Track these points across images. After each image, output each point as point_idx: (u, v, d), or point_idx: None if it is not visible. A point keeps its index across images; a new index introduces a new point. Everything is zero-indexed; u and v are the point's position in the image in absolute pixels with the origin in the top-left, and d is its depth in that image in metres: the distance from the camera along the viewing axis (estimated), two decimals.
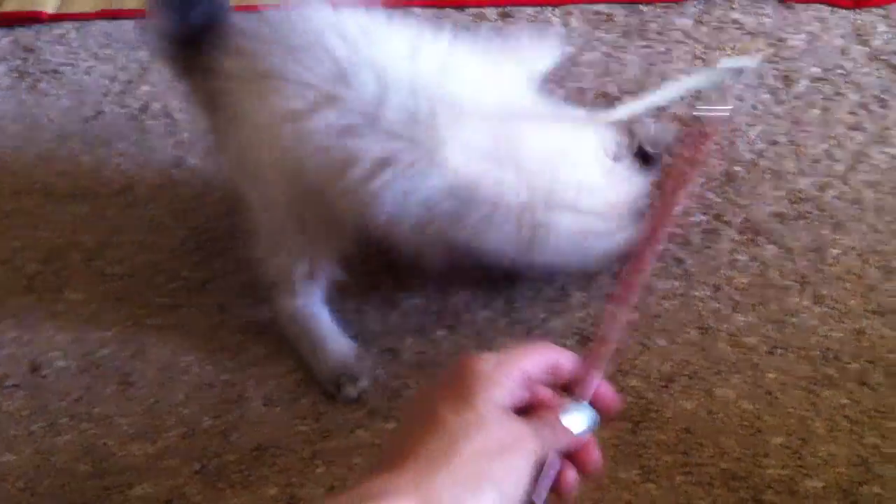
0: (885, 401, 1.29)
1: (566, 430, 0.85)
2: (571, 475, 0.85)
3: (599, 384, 0.89)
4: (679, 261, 1.48)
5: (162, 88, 1.86)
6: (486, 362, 0.85)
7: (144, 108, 1.84)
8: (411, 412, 0.86)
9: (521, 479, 0.80)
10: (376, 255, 1.51)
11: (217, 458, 1.36)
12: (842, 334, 1.36)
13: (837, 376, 1.32)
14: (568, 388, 0.88)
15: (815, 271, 1.43)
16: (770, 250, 1.46)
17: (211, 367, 1.47)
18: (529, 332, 1.43)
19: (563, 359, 0.89)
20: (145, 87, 1.88)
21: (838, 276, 1.42)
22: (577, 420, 0.86)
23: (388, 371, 1.43)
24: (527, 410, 0.85)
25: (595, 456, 0.87)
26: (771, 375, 1.33)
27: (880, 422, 1.28)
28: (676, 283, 1.45)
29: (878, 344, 1.34)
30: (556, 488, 0.85)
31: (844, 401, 1.30)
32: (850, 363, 1.33)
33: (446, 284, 1.50)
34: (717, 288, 1.43)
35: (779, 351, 1.36)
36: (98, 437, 1.41)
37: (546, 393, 0.87)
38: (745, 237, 1.48)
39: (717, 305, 1.42)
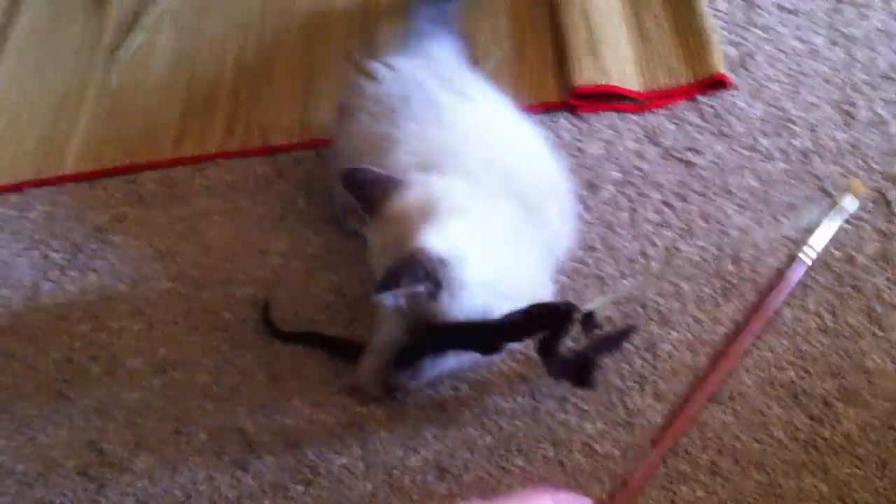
0: (738, 487, 1.34)
1: None
2: None
3: None
4: (522, 377, 1.51)
5: None
6: None
7: None
8: None
9: None
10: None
11: None
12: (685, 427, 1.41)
13: (690, 470, 1.36)
14: None
15: (652, 369, 1.48)
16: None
17: None
18: (390, 474, 1.43)
19: None
20: None
21: (673, 370, 1.48)
22: None
23: None
24: None
25: None
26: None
27: None
28: (522, 400, 1.48)
29: (721, 432, 1.40)
30: None
31: (701, 494, 1.34)
32: (699, 455, 1.38)
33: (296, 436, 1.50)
34: (563, 399, 1.47)
35: (630, 452, 1.40)
36: None
37: None
38: (579, 345, 1.53)
39: (566, 416, 1.46)
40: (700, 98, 1.84)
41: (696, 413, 0.90)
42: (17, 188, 1.91)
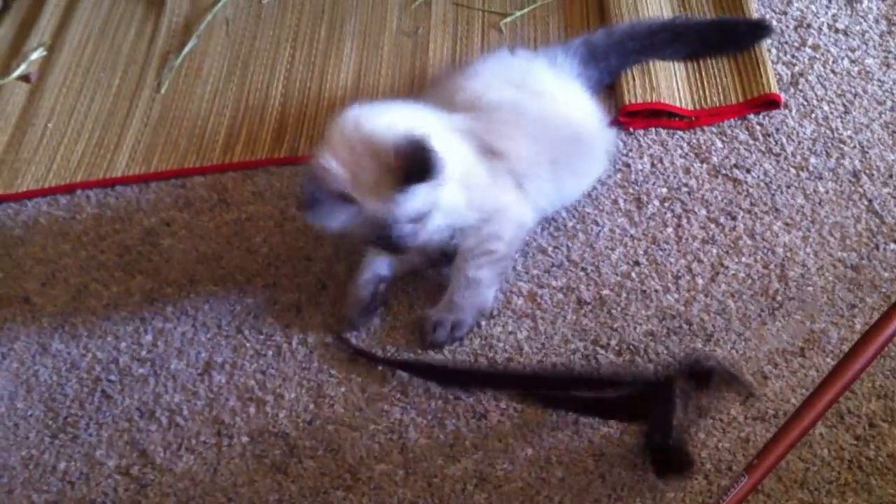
0: None
1: None
2: None
3: None
4: None
5: (16, 272, 1.81)
6: None
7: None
8: None
9: None
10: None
11: None
12: (729, 444, 1.40)
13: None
14: None
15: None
16: (649, 369, 1.50)
17: None
18: (430, 482, 1.43)
19: None
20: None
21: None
22: None
23: None
24: None
25: None
26: (670, 495, 1.36)
27: None
28: (563, 412, 1.48)
29: None
30: None
31: None
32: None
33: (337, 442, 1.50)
34: None
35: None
36: None
37: None
38: (623, 358, 1.52)
39: (606, 430, 1.45)
40: (750, 116, 1.83)
41: (789, 447, 0.89)
42: (68, 190, 1.93)
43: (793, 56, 1.92)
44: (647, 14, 1.99)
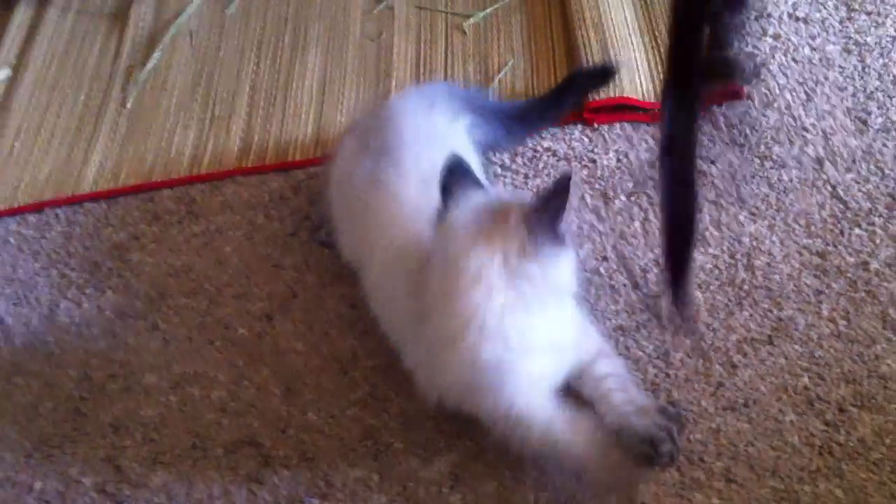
0: (753, 494, 1.34)
1: None
2: None
3: None
4: None
5: None
6: None
7: None
8: None
9: None
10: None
11: None
12: (701, 435, 1.41)
13: (704, 478, 1.36)
14: None
15: (665, 377, 1.48)
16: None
17: None
18: (404, 486, 1.43)
19: None
20: None
21: (686, 378, 1.47)
22: None
23: None
24: None
25: None
26: (642, 486, 1.36)
27: None
28: None
29: (735, 439, 1.39)
30: None
31: (716, 501, 1.34)
32: (714, 463, 1.37)
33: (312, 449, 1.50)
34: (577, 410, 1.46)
35: None
36: None
37: None
38: None
39: None
40: (713, 108, 1.84)
41: None
42: (37, 208, 1.92)
43: (754, 46, 1.92)
44: (609, 11, 1.99)
